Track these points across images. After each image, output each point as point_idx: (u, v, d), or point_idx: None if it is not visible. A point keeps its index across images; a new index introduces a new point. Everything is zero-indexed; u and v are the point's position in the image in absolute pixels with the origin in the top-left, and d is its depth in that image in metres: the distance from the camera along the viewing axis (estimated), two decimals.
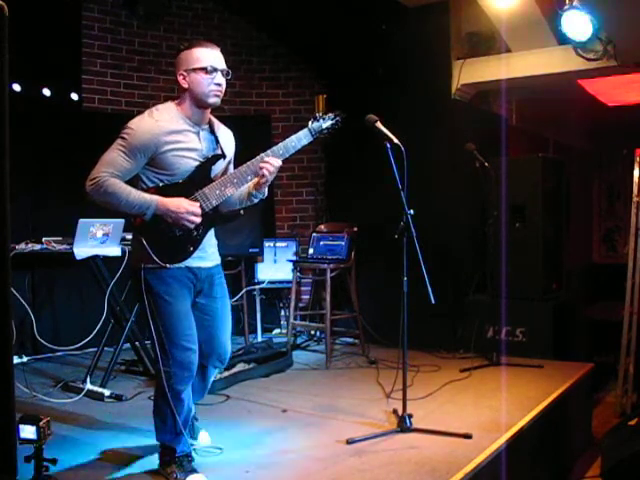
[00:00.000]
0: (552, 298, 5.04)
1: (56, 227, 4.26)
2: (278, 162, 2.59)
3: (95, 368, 4.07)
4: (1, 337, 2.01)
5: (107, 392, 3.86)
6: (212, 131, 2.66)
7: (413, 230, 3.14)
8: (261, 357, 4.57)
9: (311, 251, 5.25)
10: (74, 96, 5.36)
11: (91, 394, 3.87)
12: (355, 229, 5.11)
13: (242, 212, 2.74)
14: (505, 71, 5.10)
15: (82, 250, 3.95)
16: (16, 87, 4.78)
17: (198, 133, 2.60)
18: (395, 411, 3.46)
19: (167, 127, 2.50)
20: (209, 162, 2.59)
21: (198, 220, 2.52)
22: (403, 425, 3.19)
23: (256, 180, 2.61)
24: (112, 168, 2.45)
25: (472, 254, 5.30)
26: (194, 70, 2.52)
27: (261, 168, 2.56)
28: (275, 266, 5.90)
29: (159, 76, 5.96)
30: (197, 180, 2.55)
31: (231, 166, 2.74)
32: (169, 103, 2.61)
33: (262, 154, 2.59)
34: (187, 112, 2.57)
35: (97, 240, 4.00)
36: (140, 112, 2.63)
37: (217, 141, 2.65)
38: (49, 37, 5.07)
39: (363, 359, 4.92)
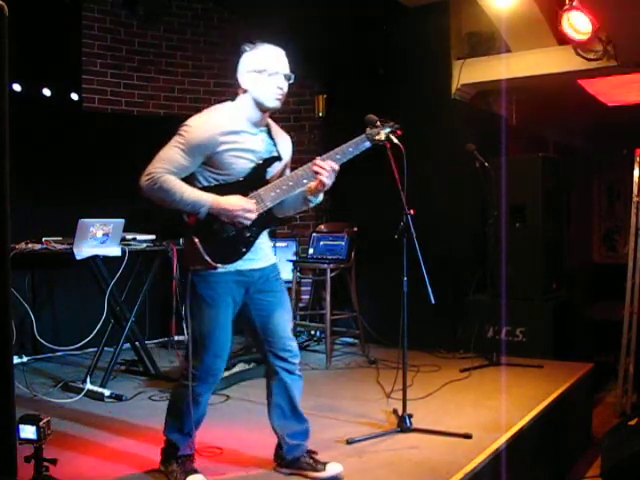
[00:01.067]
0: (552, 298, 5.04)
1: (56, 227, 4.26)
2: (334, 166, 2.57)
3: (95, 368, 4.07)
4: (1, 337, 2.01)
5: (107, 392, 3.86)
6: (270, 134, 2.64)
7: (413, 230, 3.14)
8: (261, 357, 4.56)
9: (311, 251, 5.25)
10: (74, 96, 5.36)
11: (91, 394, 3.87)
12: (355, 229, 5.11)
13: (297, 217, 2.72)
14: (505, 71, 5.10)
15: (82, 250, 3.95)
16: (16, 87, 4.78)
17: (256, 135, 2.57)
18: (395, 411, 3.46)
19: (225, 127, 2.48)
20: (265, 164, 2.56)
21: (253, 217, 2.48)
22: (403, 425, 3.19)
23: (313, 184, 2.59)
24: (168, 164, 2.43)
25: (472, 254, 5.30)
26: (256, 72, 2.51)
27: (316, 172, 2.54)
28: None
29: (159, 76, 5.96)
30: (253, 181, 2.53)
31: (287, 170, 2.71)
32: (229, 103, 2.59)
33: (318, 158, 2.58)
34: (246, 113, 2.54)
35: (97, 240, 4.00)
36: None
37: (275, 144, 2.63)
38: (49, 37, 5.06)
39: (363, 359, 4.92)
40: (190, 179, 2.50)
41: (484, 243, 4.99)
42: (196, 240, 2.44)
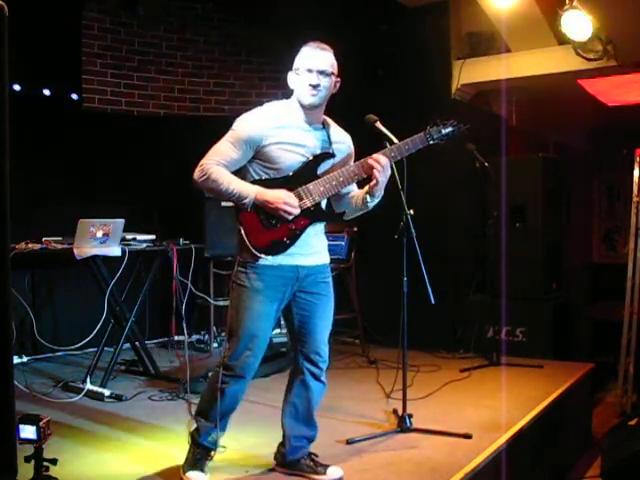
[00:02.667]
0: (552, 298, 5.04)
1: (56, 227, 4.26)
2: (386, 161, 2.55)
3: (95, 368, 4.07)
4: (1, 337, 2.01)
5: (107, 392, 3.86)
6: (326, 131, 2.66)
7: (413, 230, 3.14)
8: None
9: None
10: (74, 96, 5.36)
11: (91, 394, 3.86)
12: (355, 229, 5.11)
13: (346, 215, 2.72)
14: (505, 71, 5.10)
15: (82, 250, 3.95)
16: (16, 87, 4.78)
17: (309, 131, 2.60)
18: (395, 411, 3.46)
19: (275, 121, 2.53)
20: (317, 160, 2.57)
21: (295, 212, 2.49)
22: (403, 425, 3.19)
23: (369, 185, 2.58)
24: (219, 157, 2.51)
25: (472, 254, 5.30)
26: (294, 70, 2.59)
27: (370, 167, 2.53)
28: None
29: (159, 76, 5.96)
30: (303, 176, 2.54)
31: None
32: (283, 100, 2.64)
33: (374, 154, 2.57)
34: (296, 110, 2.59)
35: (97, 240, 4.00)
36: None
37: (330, 142, 2.64)
38: (49, 37, 5.06)
39: (363, 359, 4.92)
40: (242, 172, 2.57)
41: (484, 243, 4.99)
42: (242, 230, 2.53)
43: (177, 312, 4.20)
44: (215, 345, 5.36)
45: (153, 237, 4.46)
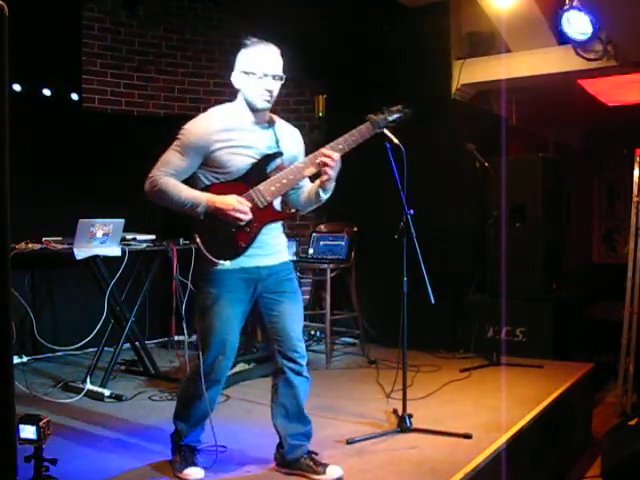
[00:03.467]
0: (552, 298, 5.04)
1: (56, 227, 4.26)
2: (336, 155, 2.54)
3: (95, 368, 4.07)
4: (1, 337, 2.01)
5: (107, 392, 3.86)
6: (272, 129, 2.63)
7: (413, 230, 3.14)
8: (261, 357, 4.57)
9: (311, 251, 5.25)
10: (74, 96, 5.36)
11: (91, 394, 3.87)
12: (355, 229, 5.11)
13: (300, 212, 2.73)
14: (505, 71, 5.10)
15: (82, 250, 3.95)
16: (16, 87, 4.78)
17: (255, 131, 2.58)
18: (395, 411, 3.46)
19: (219, 125, 2.52)
20: (266, 160, 2.55)
21: (246, 217, 2.48)
22: (403, 425, 3.19)
23: (320, 179, 2.59)
24: (166, 167, 2.51)
25: (472, 254, 5.30)
26: (245, 73, 2.55)
27: (320, 162, 2.52)
28: None
29: (159, 76, 5.96)
30: (253, 177, 2.53)
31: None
32: (226, 104, 2.62)
33: (321, 149, 2.55)
34: (242, 112, 2.57)
35: (97, 240, 4.00)
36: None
37: (277, 140, 2.62)
38: (49, 37, 5.06)
39: (363, 359, 4.92)
40: (193, 180, 2.55)
41: (484, 243, 4.99)
42: (197, 238, 2.51)
43: (177, 312, 4.20)
44: None
45: (153, 237, 4.45)
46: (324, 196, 2.65)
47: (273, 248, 2.64)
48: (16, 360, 4.54)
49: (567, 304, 5.18)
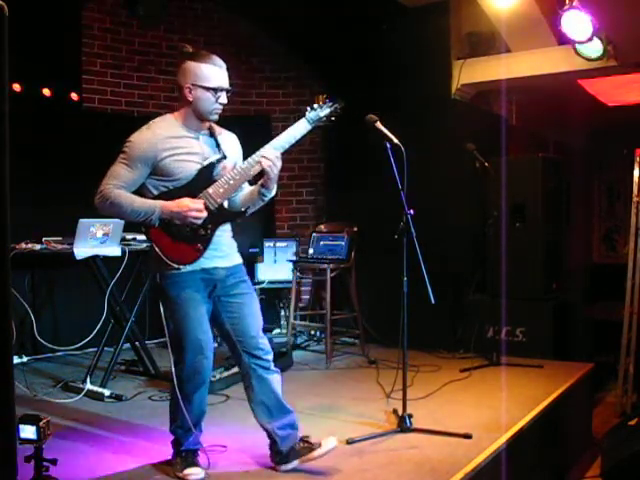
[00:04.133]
0: (552, 298, 5.04)
1: (56, 227, 4.26)
2: (276, 154, 2.62)
3: (95, 368, 4.07)
4: (1, 337, 2.01)
5: (107, 392, 3.86)
6: (212, 135, 2.71)
7: (413, 230, 3.14)
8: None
9: (311, 251, 5.25)
10: (74, 96, 5.36)
11: (91, 394, 3.87)
12: (355, 229, 5.11)
13: (247, 211, 2.77)
14: (505, 71, 5.10)
15: (82, 250, 3.95)
16: (16, 87, 4.78)
17: (198, 138, 2.66)
18: (395, 411, 3.46)
19: (164, 134, 2.58)
20: (211, 165, 2.63)
21: (203, 215, 2.56)
22: (403, 425, 3.19)
23: (263, 179, 2.66)
24: (116, 180, 2.56)
25: (472, 254, 5.30)
26: (202, 87, 2.60)
27: (260, 163, 2.60)
28: (275, 266, 5.90)
29: (159, 76, 5.96)
30: (200, 182, 2.60)
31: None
32: (167, 115, 2.70)
33: (261, 149, 2.64)
34: (185, 121, 2.65)
35: (97, 240, 4.00)
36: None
37: (218, 144, 2.70)
38: (49, 37, 5.06)
39: (363, 359, 4.93)
40: (142, 191, 2.62)
41: (484, 243, 4.99)
42: (155, 247, 2.58)
43: None
44: (215, 345, 5.34)
45: None
46: (268, 195, 2.73)
47: (228, 249, 2.73)
48: (16, 360, 4.54)
49: (567, 304, 5.17)
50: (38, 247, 4.00)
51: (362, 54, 5.61)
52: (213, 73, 2.62)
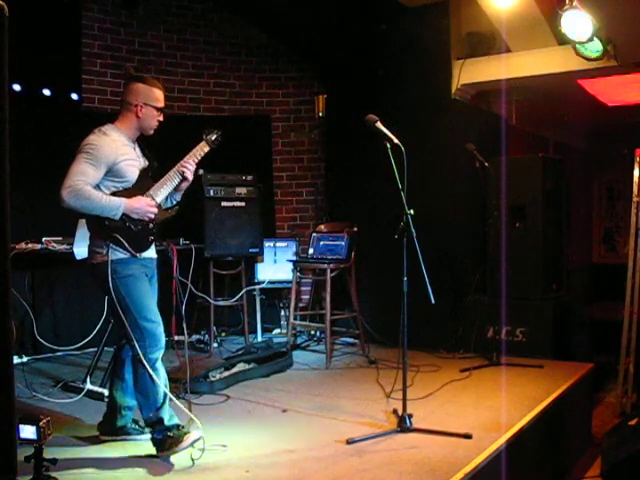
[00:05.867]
0: (552, 298, 5.04)
1: (56, 227, 4.26)
2: (193, 165, 3.12)
3: (95, 368, 4.07)
4: (1, 337, 2.01)
5: (107, 392, 3.85)
6: (138, 145, 3.15)
7: (413, 230, 3.14)
8: (261, 357, 4.57)
9: (311, 251, 5.25)
10: (74, 96, 5.36)
11: (91, 394, 3.87)
12: (355, 229, 5.11)
13: (171, 211, 3.21)
14: (505, 71, 5.10)
15: (82, 250, 3.94)
16: (16, 87, 4.78)
17: (134, 148, 3.09)
18: (395, 411, 3.46)
19: (119, 142, 2.98)
20: (147, 169, 3.08)
21: (155, 210, 3.01)
22: (403, 425, 3.19)
23: (181, 184, 3.13)
24: (84, 177, 2.85)
25: (472, 254, 5.30)
26: (152, 107, 3.02)
27: (183, 172, 3.08)
28: (275, 266, 5.90)
29: (159, 76, 5.94)
30: (142, 184, 3.02)
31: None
32: (112, 125, 3.03)
33: (182, 161, 3.11)
34: (128, 133, 3.05)
35: None
36: None
37: (143, 153, 3.16)
38: (49, 37, 5.06)
39: (363, 359, 4.92)
40: (95, 189, 2.91)
41: (484, 243, 4.99)
42: (120, 237, 2.93)
43: (177, 312, 4.19)
44: (215, 345, 5.36)
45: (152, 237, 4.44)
46: (178, 199, 3.22)
47: (154, 244, 3.17)
48: (16, 360, 4.54)
49: (567, 304, 5.17)
50: (38, 247, 4.00)
51: (362, 54, 5.61)
52: (161, 97, 3.06)
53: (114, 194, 2.94)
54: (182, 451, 2.84)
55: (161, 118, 3.07)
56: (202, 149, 3.18)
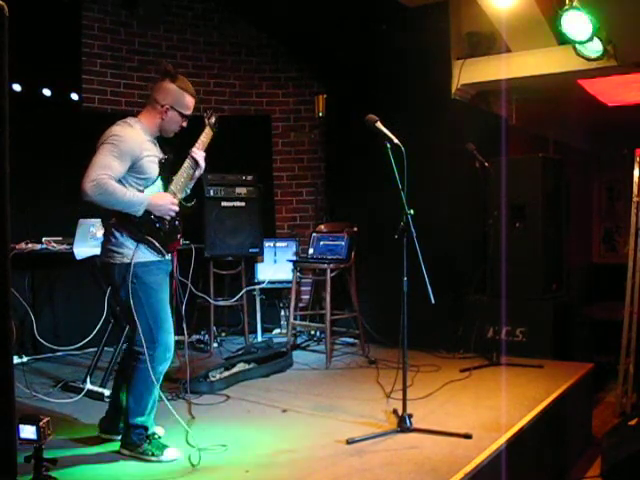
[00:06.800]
0: (552, 298, 5.04)
1: (56, 227, 4.27)
2: (203, 152, 3.07)
3: (95, 368, 4.07)
4: (1, 337, 2.01)
5: (107, 392, 3.85)
6: (158, 141, 3.06)
7: (413, 230, 3.14)
8: (261, 357, 4.57)
9: (311, 251, 5.25)
10: (74, 96, 5.36)
11: (91, 394, 3.87)
12: (355, 229, 5.11)
13: (190, 208, 3.11)
14: (505, 71, 5.09)
15: (82, 250, 3.96)
16: (16, 87, 4.78)
17: (155, 143, 3.00)
18: (395, 411, 3.46)
19: (143, 137, 2.89)
20: (167, 164, 2.98)
21: (177, 209, 2.94)
22: (403, 425, 3.19)
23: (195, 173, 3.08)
24: (109, 170, 2.72)
25: (472, 254, 5.30)
26: (178, 112, 2.95)
27: (196, 160, 3.02)
28: (275, 266, 5.90)
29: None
30: (163, 180, 2.95)
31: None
32: (134, 118, 2.95)
33: (191, 151, 3.04)
34: (150, 129, 2.96)
35: (97, 240, 4.00)
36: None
37: (160, 146, 3.04)
38: (49, 37, 5.07)
39: (363, 359, 4.93)
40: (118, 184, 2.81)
41: (484, 243, 4.99)
42: (151, 238, 2.85)
43: (177, 312, 4.20)
44: (215, 345, 5.36)
45: None
46: (191, 186, 3.15)
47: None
48: (16, 360, 4.54)
49: (567, 304, 5.17)
50: (38, 247, 4.00)
51: (362, 54, 5.61)
52: (191, 104, 3.01)
53: (141, 190, 2.87)
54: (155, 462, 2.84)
55: (184, 124, 3.00)
56: (207, 135, 3.13)
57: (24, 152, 4.50)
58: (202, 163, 3.06)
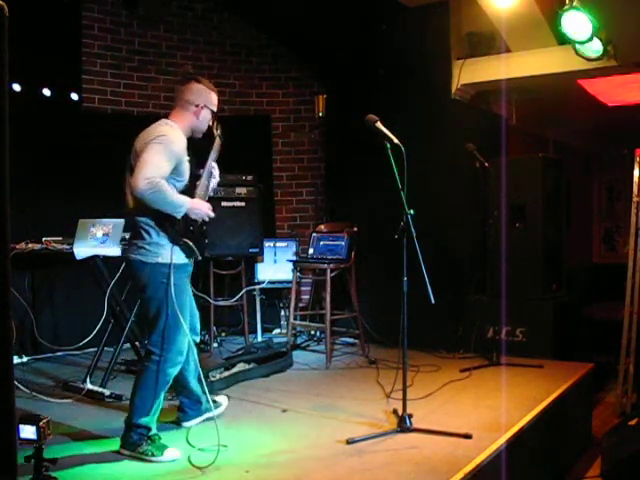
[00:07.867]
0: (552, 298, 5.04)
1: (56, 227, 4.26)
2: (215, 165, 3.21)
3: (95, 368, 4.07)
4: (1, 337, 2.01)
5: (107, 392, 3.86)
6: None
7: (413, 230, 3.14)
8: (261, 357, 4.57)
9: (311, 251, 5.25)
10: (74, 96, 5.37)
11: (91, 394, 3.87)
12: (355, 229, 5.11)
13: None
14: (505, 71, 5.09)
15: (82, 250, 3.95)
16: (16, 87, 4.78)
17: (188, 147, 3.01)
18: (395, 411, 3.46)
19: (184, 139, 2.94)
20: (194, 169, 3.05)
21: (213, 214, 3.01)
22: (403, 425, 3.19)
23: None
24: (161, 171, 2.76)
25: (472, 254, 5.30)
26: (209, 110, 3.02)
27: (211, 171, 3.15)
28: (275, 266, 5.90)
29: (159, 76, 5.97)
30: (193, 184, 3.03)
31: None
32: (170, 121, 2.98)
33: (209, 163, 3.16)
34: (185, 131, 2.99)
35: (97, 240, 4.00)
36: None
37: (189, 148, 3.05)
38: (49, 37, 5.07)
39: (363, 359, 4.93)
40: None
41: (484, 243, 4.99)
42: (188, 240, 2.90)
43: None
44: (215, 345, 5.36)
45: None
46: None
47: None
48: (16, 360, 4.54)
49: (567, 304, 5.17)
50: (38, 247, 4.00)
51: (362, 54, 5.61)
52: (216, 100, 3.07)
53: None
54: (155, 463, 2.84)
55: (211, 123, 3.08)
56: (217, 145, 3.20)
57: (24, 152, 4.51)
58: (217, 175, 3.19)
